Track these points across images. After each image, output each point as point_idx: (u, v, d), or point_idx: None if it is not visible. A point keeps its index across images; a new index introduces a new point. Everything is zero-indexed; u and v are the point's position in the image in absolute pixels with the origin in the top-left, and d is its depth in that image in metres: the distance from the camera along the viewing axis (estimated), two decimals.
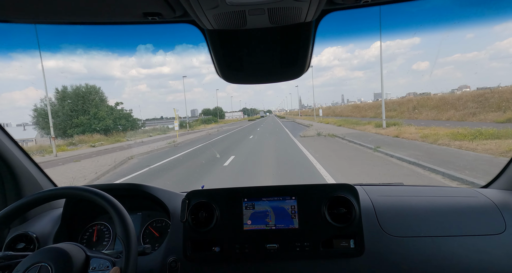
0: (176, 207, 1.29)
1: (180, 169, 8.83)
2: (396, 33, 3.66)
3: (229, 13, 0.75)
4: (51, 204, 1.50)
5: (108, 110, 28.48)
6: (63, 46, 63.35)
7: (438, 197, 1.29)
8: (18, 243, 1.27)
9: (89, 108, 27.66)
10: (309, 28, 0.87)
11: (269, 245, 1.17)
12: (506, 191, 1.33)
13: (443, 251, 1.11)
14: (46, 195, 0.97)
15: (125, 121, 28.91)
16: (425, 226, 1.17)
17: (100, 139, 22.25)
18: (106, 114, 27.78)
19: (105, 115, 27.67)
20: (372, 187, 1.41)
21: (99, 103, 28.54)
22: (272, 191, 1.23)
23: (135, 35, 75.95)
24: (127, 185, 1.36)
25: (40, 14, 0.82)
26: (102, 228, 1.40)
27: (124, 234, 0.90)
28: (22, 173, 1.40)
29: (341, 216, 1.17)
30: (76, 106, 27.78)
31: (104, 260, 0.92)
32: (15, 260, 0.94)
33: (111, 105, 29.63)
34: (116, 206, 0.94)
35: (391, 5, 0.87)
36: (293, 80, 1.12)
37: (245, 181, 6.59)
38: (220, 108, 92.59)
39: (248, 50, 0.95)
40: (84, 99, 28.16)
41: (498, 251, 1.10)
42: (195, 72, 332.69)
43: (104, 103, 29.50)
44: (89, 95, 28.59)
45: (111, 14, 0.82)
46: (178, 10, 0.79)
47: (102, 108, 28.28)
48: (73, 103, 27.89)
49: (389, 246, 1.14)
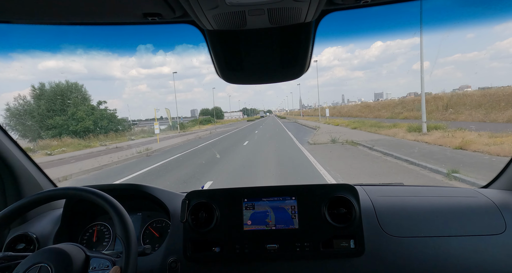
0: (176, 207, 1.29)
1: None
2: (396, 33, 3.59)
3: (229, 14, 0.75)
4: (51, 205, 1.50)
5: (88, 110, 24.72)
6: (63, 46, 63.38)
7: (438, 197, 1.29)
8: (18, 244, 1.27)
9: (69, 108, 24.38)
10: (309, 29, 0.87)
11: (269, 245, 1.17)
12: (506, 191, 1.33)
13: (443, 251, 1.11)
14: (46, 196, 0.97)
15: (107, 122, 25.19)
16: (425, 226, 1.17)
17: (72, 143, 19.26)
18: (85, 114, 24.10)
19: (84, 115, 23.99)
20: (372, 187, 1.41)
21: (78, 102, 25.00)
22: (272, 191, 1.23)
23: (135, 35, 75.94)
24: (127, 185, 1.36)
25: (40, 15, 0.82)
26: (102, 228, 1.40)
27: (124, 234, 0.90)
28: (22, 173, 1.40)
29: (341, 216, 1.17)
30: (54, 106, 24.21)
31: (104, 259, 0.92)
32: (15, 261, 0.94)
33: (92, 105, 25.93)
34: (116, 206, 0.94)
35: (391, 5, 0.87)
36: (295, 79, 1.12)
37: (245, 181, 6.58)
38: (219, 108, 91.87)
39: (248, 51, 0.95)
40: (63, 98, 24.58)
41: (499, 251, 1.10)
42: (195, 72, 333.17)
43: (88, 102, 25.99)
44: (70, 94, 25.14)
45: (111, 14, 0.82)
46: (178, 10, 0.79)
47: (81, 107, 24.60)
48: (50, 102, 24.25)
49: (389, 246, 1.14)
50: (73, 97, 25.17)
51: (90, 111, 24.84)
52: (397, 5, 0.88)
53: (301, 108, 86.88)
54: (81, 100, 25.50)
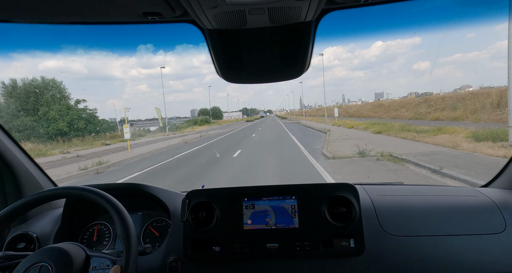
0: (176, 206, 1.29)
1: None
2: (396, 33, 3.49)
3: (229, 13, 0.75)
4: (51, 204, 1.50)
5: (63, 110, 21.41)
6: (64, 46, 63.40)
7: (438, 196, 1.29)
8: (19, 243, 1.27)
9: (41, 107, 21.39)
10: (309, 28, 0.87)
11: (269, 245, 1.17)
12: (506, 190, 1.33)
13: (443, 250, 1.11)
14: (46, 195, 0.97)
15: (85, 123, 21.89)
16: (425, 225, 1.17)
17: (32, 149, 15.80)
18: (58, 114, 20.87)
19: (57, 116, 20.80)
20: (372, 186, 1.41)
21: (50, 100, 21.77)
22: (272, 190, 1.24)
23: (135, 35, 76.07)
24: (127, 184, 1.36)
25: (40, 14, 0.82)
26: (103, 227, 1.40)
27: (124, 233, 0.90)
28: (23, 172, 1.40)
29: (341, 215, 1.17)
30: (26, 105, 21.27)
31: (104, 259, 0.92)
32: (16, 260, 0.94)
33: (68, 103, 22.48)
34: (116, 205, 0.94)
35: (391, 4, 0.87)
36: (295, 78, 1.11)
37: (245, 181, 6.58)
38: (218, 108, 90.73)
39: (248, 50, 0.95)
40: (37, 96, 21.52)
41: (498, 250, 1.10)
42: (196, 72, 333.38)
43: (65, 101, 22.69)
44: (46, 92, 22.02)
45: (111, 14, 0.82)
46: (178, 9, 0.79)
47: (55, 107, 21.30)
48: (22, 101, 21.36)
49: (389, 245, 1.14)
50: (50, 95, 22.17)
51: (65, 111, 21.57)
52: (397, 5, 0.89)
53: (303, 108, 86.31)
54: (58, 99, 22.38)
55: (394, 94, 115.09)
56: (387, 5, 0.87)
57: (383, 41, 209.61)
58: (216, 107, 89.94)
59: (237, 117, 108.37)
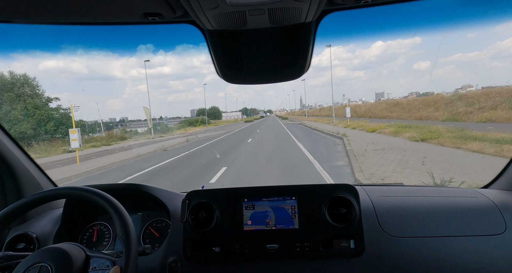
0: (176, 207, 1.29)
1: None
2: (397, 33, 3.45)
3: (229, 14, 0.75)
4: (51, 204, 1.50)
5: (30, 109, 18.05)
6: (64, 46, 63.26)
7: (438, 197, 1.29)
8: (18, 243, 1.27)
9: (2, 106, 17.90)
10: (309, 29, 0.87)
11: (269, 245, 1.17)
12: (506, 191, 1.33)
13: (443, 251, 1.11)
14: (46, 195, 0.97)
15: (55, 125, 18.43)
16: (425, 227, 1.16)
17: None
18: (21, 115, 17.54)
19: (20, 116, 17.44)
20: (373, 187, 1.41)
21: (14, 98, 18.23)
22: (272, 191, 1.23)
23: (135, 35, 75.97)
24: (127, 185, 1.36)
25: (40, 14, 0.82)
26: (102, 228, 1.40)
27: (124, 234, 0.90)
28: (23, 173, 1.40)
29: (341, 216, 1.17)
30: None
31: (104, 259, 0.92)
32: (15, 260, 0.94)
33: (36, 102, 18.98)
34: (116, 206, 0.94)
35: (391, 5, 0.87)
36: (295, 79, 1.11)
37: (245, 182, 6.58)
38: (216, 108, 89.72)
39: (248, 51, 0.95)
40: (2, 93, 18.19)
41: (498, 251, 1.10)
42: (196, 72, 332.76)
43: (40, 99, 19.30)
44: (17, 89, 18.55)
45: (111, 14, 0.82)
46: (178, 10, 0.79)
47: (18, 106, 17.90)
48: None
49: (389, 246, 1.14)
50: (15, 93, 18.57)
51: (32, 110, 18.13)
52: (397, 5, 0.88)
53: (305, 108, 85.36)
54: (28, 97, 18.88)
55: (394, 94, 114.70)
56: (387, 5, 0.87)
57: (384, 41, 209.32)
58: (215, 107, 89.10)
59: (236, 118, 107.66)
